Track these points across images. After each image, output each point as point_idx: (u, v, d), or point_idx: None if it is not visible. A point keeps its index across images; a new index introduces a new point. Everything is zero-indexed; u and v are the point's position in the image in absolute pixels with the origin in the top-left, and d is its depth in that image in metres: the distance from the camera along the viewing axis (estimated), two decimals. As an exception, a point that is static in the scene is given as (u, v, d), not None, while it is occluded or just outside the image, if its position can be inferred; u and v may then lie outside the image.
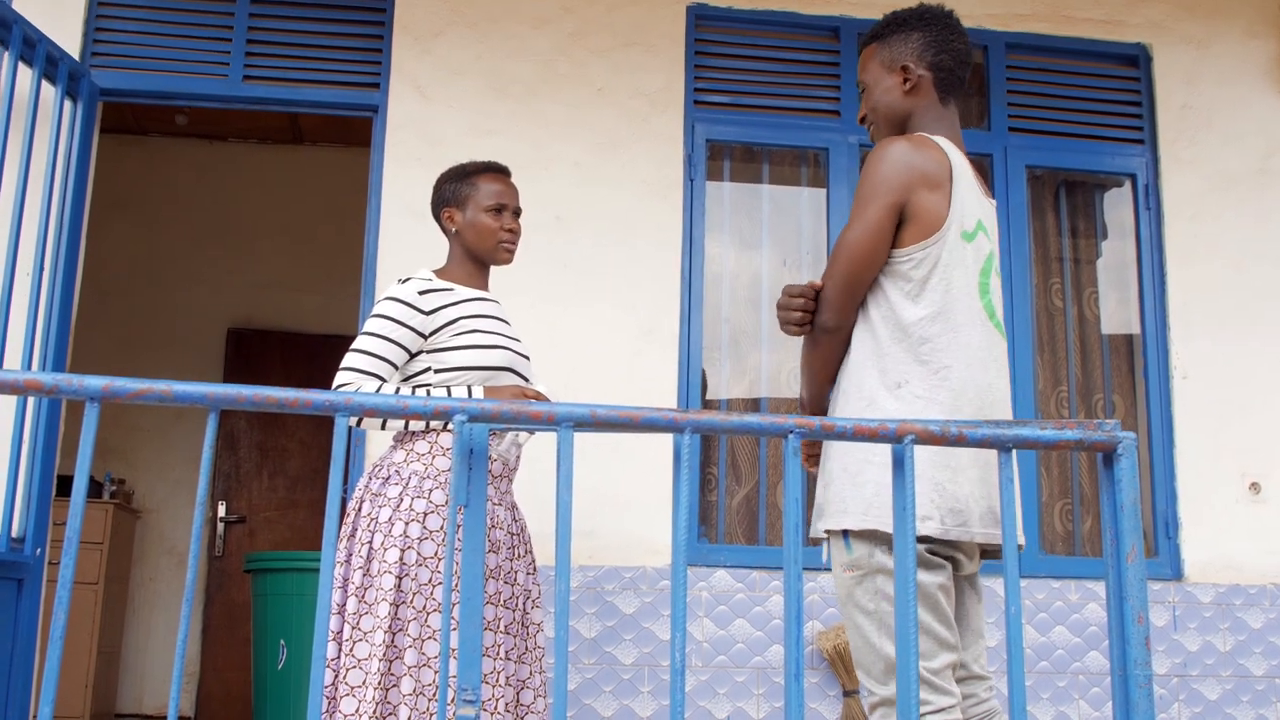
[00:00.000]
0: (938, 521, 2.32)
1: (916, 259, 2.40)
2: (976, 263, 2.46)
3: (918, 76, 2.57)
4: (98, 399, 1.55)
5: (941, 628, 2.32)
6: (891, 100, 2.60)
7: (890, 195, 2.39)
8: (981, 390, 2.42)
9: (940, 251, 2.40)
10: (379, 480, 3.03)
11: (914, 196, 2.40)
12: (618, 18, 4.69)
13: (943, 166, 2.43)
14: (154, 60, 4.53)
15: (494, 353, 3.12)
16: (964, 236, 2.43)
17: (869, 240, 2.40)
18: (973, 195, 2.48)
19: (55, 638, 1.50)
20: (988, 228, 2.51)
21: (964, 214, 2.44)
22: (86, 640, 6.03)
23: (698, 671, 4.24)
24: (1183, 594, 4.52)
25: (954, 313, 2.41)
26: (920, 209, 2.40)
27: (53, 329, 4.12)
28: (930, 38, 2.58)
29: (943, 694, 2.30)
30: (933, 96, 2.58)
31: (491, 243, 3.26)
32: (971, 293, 2.44)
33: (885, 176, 2.41)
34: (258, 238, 7.44)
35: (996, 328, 2.49)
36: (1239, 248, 4.84)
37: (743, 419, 1.66)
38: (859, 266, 2.41)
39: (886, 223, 2.40)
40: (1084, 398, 4.87)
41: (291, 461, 7.30)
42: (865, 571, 2.35)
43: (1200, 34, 5.00)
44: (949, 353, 2.39)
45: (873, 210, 2.40)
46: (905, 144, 2.44)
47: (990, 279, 2.49)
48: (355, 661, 2.88)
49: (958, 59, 2.59)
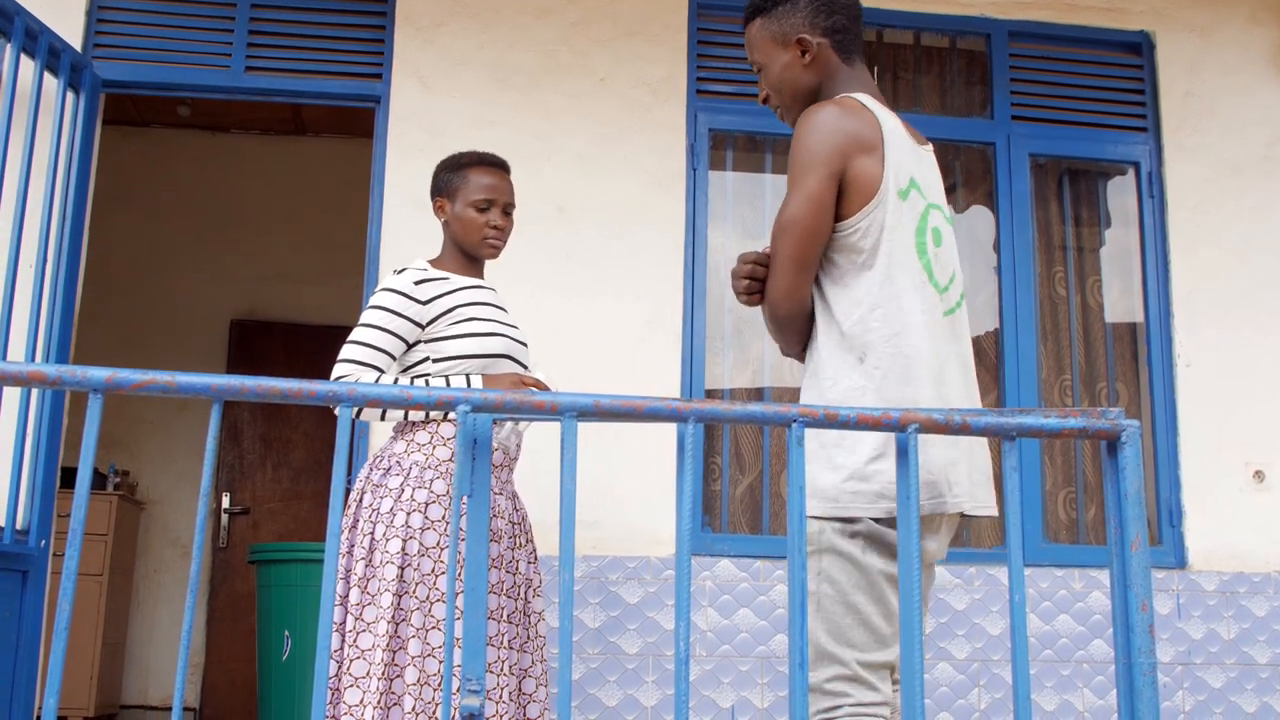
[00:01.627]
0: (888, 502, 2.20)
1: (862, 228, 2.28)
2: (913, 221, 2.32)
3: (815, 46, 2.43)
4: (101, 390, 1.55)
5: (883, 622, 2.20)
6: (794, 76, 2.45)
7: (827, 165, 2.26)
8: (932, 357, 2.29)
9: (883, 215, 2.27)
10: (380, 471, 3.04)
11: (851, 163, 2.27)
12: (620, 7, 4.68)
13: (873, 127, 2.30)
14: (156, 52, 4.53)
15: (491, 340, 3.12)
16: (900, 195, 2.30)
17: (810, 214, 2.26)
18: (904, 150, 2.35)
19: (60, 629, 1.50)
20: (921, 183, 2.37)
21: (898, 172, 2.31)
22: (91, 632, 6.05)
23: (702, 661, 4.25)
24: (1186, 582, 4.52)
25: (898, 276, 2.28)
26: (858, 175, 2.27)
27: (56, 321, 4.13)
28: (818, 3, 2.44)
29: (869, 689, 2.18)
30: (835, 61, 2.44)
31: (475, 238, 3.24)
32: (911, 254, 2.31)
33: (818, 146, 2.27)
34: (260, 229, 7.44)
35: (935, 289, 2.34)
36: (1242, 236, 4.83)
37: (746, 408, 1.66)
38: (805, 244, 2.28)
39: (826, 194, 2.26)
40: (1088, 386, 4.86)
41: (295, 453, 7.30)
42: (813, 549, 2.22)
43: (1203, 21, 4.99)
44: (898, 318, 2.27)
45: (811, 182, 2.26)
46: (834, 109, 2.30)
47: (926, 237, 2.35)
48: (359, 652, 2.88)
49: (851, 15, 2.46)
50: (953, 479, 2.26)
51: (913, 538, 1.65)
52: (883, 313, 2.27)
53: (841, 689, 2.17)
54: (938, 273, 2.35)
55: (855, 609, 2.19)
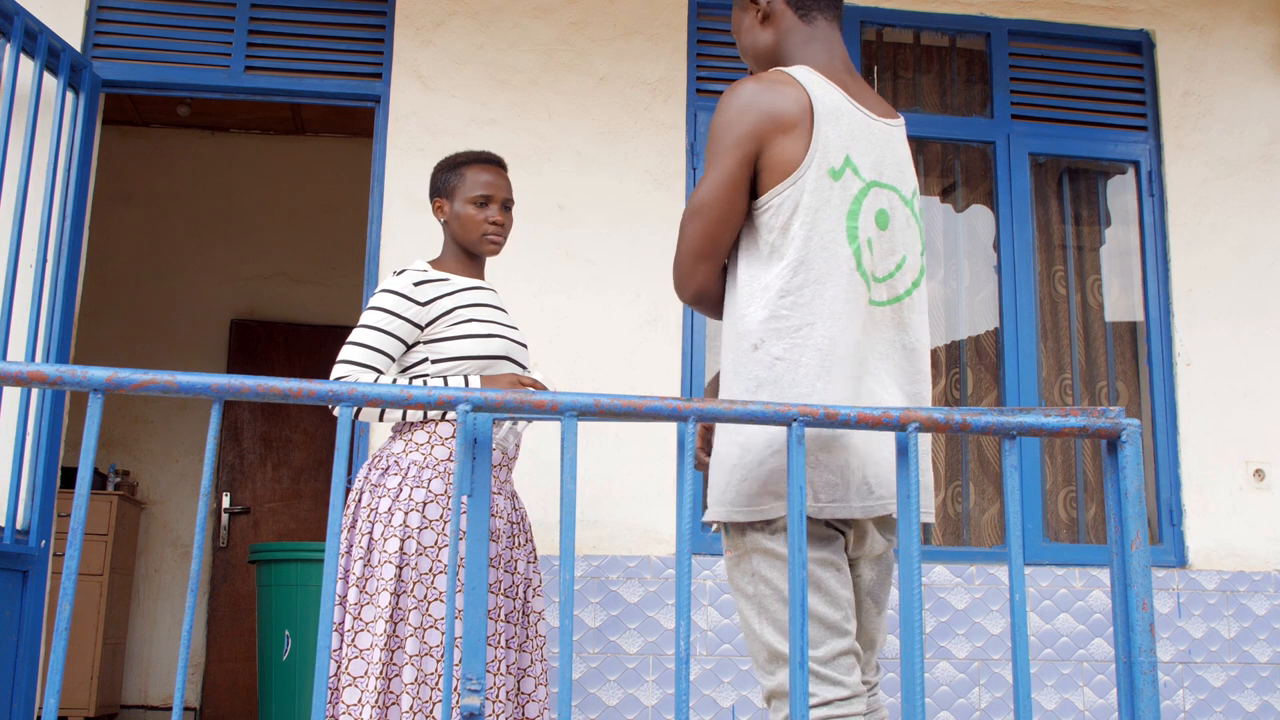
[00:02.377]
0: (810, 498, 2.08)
1: (774, 206, 2.14)
2: (844, 203, 2.15)
3: (767, 3, 2.33)
4: (101, 390, 1.55)
5: (829, 609, 2.08)
6: (752, 38, 2.37)
7: (739, 146, 2.14)
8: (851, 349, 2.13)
9: (799, 195, 2.12)
10: (378, 471, 3.04)
11: (767, 144, 2.14)
12: (619, 7, 4.68)
13: (798, 103, 2.15)
14: (156, 51, 4.53)
15: (491, 342, 3.13)
16: (830, 174, 2.15)
17: (722, 198, 2.14)
18: (841, 126, 2.19)
19: (60, 629, 1.50)
20: (862, 161, 2.20)
21: (828, 150, 2.15)
22: (91, 632, 6.05)
23: (702, 660, 4.25)
24: (1187, 581, 4.52)
25: (815, 262, 2.12)
26: (774, 155, 2.14)
27: (56, 321, 4.12)
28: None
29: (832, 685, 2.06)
30: (791, 19, 2.32)
31: (475, 234, 3.24)
32: (838, 238, 2.14)
33: (731, 125, 2.15)
34: (260, 229, 7.45)
35: (864, 277, 2.16)
36: (1242, 234, 4.83)
37: (746, 407, 1.66)
38: (713, 228, 2.16)
39: (739, 176, 2.14)
40: (1088, 385, 4.86)
41: (295, 452, 7.30)
42: (740, 552, 2.13)
43: (1203, 20, 4.99)
44: (810, 307, 2.11)
45: (723, 164, 2.15)
46: (753, 85, 2.17)
47: (860, 220, 2.17)
48: (357, 651, 2.89)
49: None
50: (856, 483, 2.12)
51: (913, 538, 1.65)
52: (792, 300, 2.12)
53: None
54: (874, 259, 2.19)
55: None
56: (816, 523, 2.10)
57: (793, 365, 2.10)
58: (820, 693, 2.05)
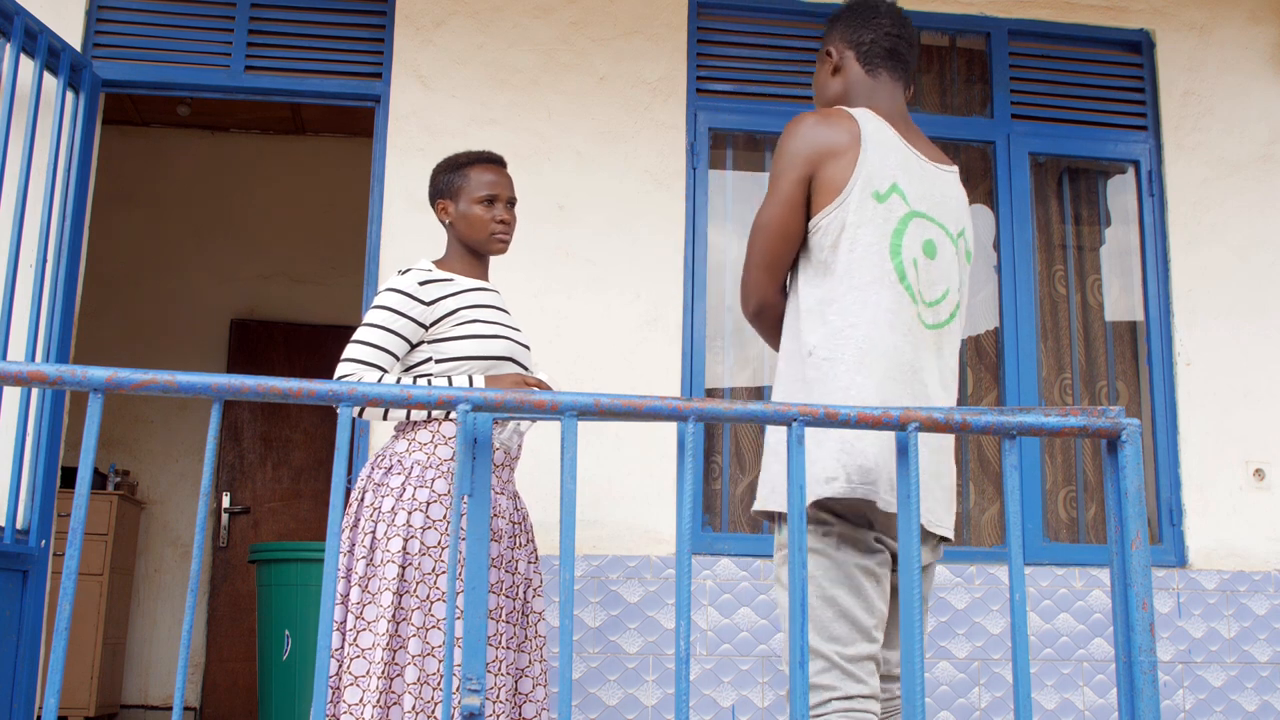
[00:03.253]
0: (843, 481, 2.27)
1: (823, 226, 2.40)
2: (888, 223, 2.41)
3: (840, 56, 2.64)
4: (101, 390, 1.55)
5: (862, 614, 2.28)
6: (824, 84, 2.68)
7: (795, 170, 2.42)
8: (890, 352, 2.36)
9: (845, 214, 2.39)
10: (381, 470, 3.04)
11: (820, 168, 2.41)
12: (619, 6, 4.68)
13: (849, 133, 2.43)
14: (156, 51, 4.53)
15: (494, 342, 3.13)
16: (875, 197, 2.41)
17: (781, 215, 2.43)
18: (890, 156, 2.46)
19: (60, 629, 1.50)
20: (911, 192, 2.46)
21: (873, 175, 2.41)
22: (91, 632, 6.05)
23: (702, 660, 4.25)
24: (1187, 581, 4.52)
25: (859, 271, 2.38)
26: (825, 178, 2.41)
27: (56, 320, 4.12)
28: (850, 21, 2.66)
29: (855, 681, 2.25)
30: (858, 72, 2.62)
31: (483, 234, 3.25)
32: (882, 252, 2.39)
33: (789, 154, 2.44)
34: (260, 228, 7.45)
35: (907, 291, 2.40)
36: (1242, 234, 4.83)
37: (746, 407, 1.66)
38: (774, 243, 2.44)
39: (797, 197, 2.42)
40: (1088, 385, 4.86)
41: (295, 452, 7.30)
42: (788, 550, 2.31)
43: (1203, 20, 4.99)
44: (853, 311, 2.36)
45: (783, 185, 2.43)
46: (810, 118, 2.47)
47: (905, 240, 2.42)
48: (359, 651, 2.88)
49: (880, 32, 2.62)
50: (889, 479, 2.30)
51: (913, 538, 1.65)
52: (838, 307, 2.36)
53: (828, 681, 2.25)
54: (919, 280, 2.43)
55: (834, 602, 2.27)
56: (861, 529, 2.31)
57: (835, 362, 2.33)
58: (845, 687, 2.24)
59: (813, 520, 2.30)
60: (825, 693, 2.25)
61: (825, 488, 2.28)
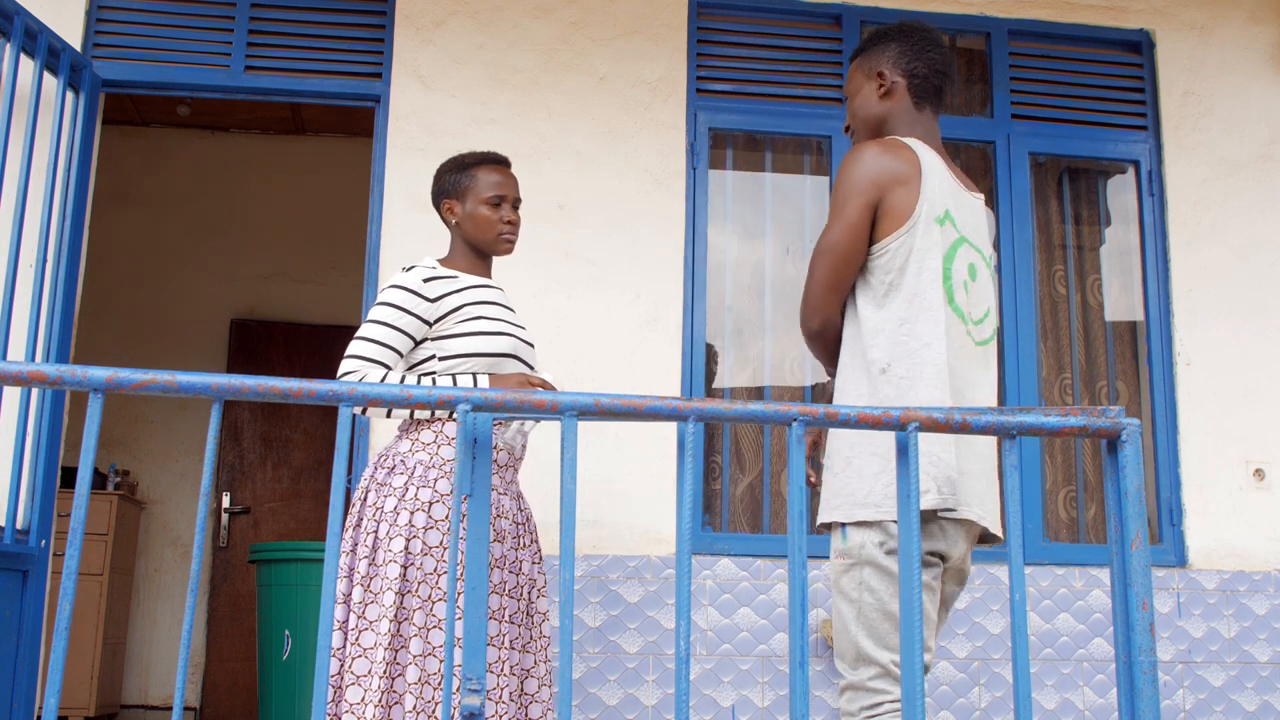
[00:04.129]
0: (935, 494, 2.42)
1: (892, 250, 2.53)
2: (942, 248, 2.56)
3: (891, 82, 2.74)
4: (101, 390, 1.55)
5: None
6: (868, 105, 2.77)
7: (864, 195, 2.53)
8: (957, 370, 2.54)
9: (913, 240, 2.53)
10: (384, 470, 3.04)
11: (886, 194, 2.54)
12: (619, 6, 4.68)
13: (911, 164, 2.56)
14: (156, 51, 4.53)
15: (498, 339, 3.12)
16: (936, 221, 2.56)
17: (849, 239, 2.54)
18: (943, 184, 2.60)
19: (60, 629, 1.50)
20: (958, 217, 2.62)
21: (934, 201, 2.56)
22: (91, 632, 6.05)
23: (702, 660, 4.25)
24: (1187, 581, 4.52)
25: (928, 295, 2.52)
26: (892, 204, 2.53)
27: (56, 320, 4.12)
28: (905, 47, 2.75)
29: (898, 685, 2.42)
30: (907, 101, 2.74)
31: (491, 234, 3.25)
32: (938, 277, 2.55)
33: (859, 177, 2.55)
34: (260, 228, 7.45)
35: (958, 314, 2.58)
36: (1242, 234, 4.83)
37: (746, 407, 1.66)
38: (841, 265, 2.55)
39: (864, 221, 2.54)
40: (1088, 385, 4.86)
41: (296, 452, 7.30)
42: (854, 561, 2.46)
43: (1203, 20, 4.99)
44: (926, 332, 2.50)
45: (850, 210, 2.54)
46: (875, 146, 2.59)
47: (955, 264, 2.59)
48: (361, 650, 2.88)
49: (932, 68, 2.75)
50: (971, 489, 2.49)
51: (913, 537, 1.65)
52: (910, 328, 2.51)
53: (883, 686, 2.41)
54: (967, 302, 2.61)
55: (892, 616, 2.42)
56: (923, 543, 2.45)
57: (914, 381, 2.48)
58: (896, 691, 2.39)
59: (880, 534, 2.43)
60: (879, 696, 2.41)
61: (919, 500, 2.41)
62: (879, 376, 2.50)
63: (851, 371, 2.57)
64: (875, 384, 2.50)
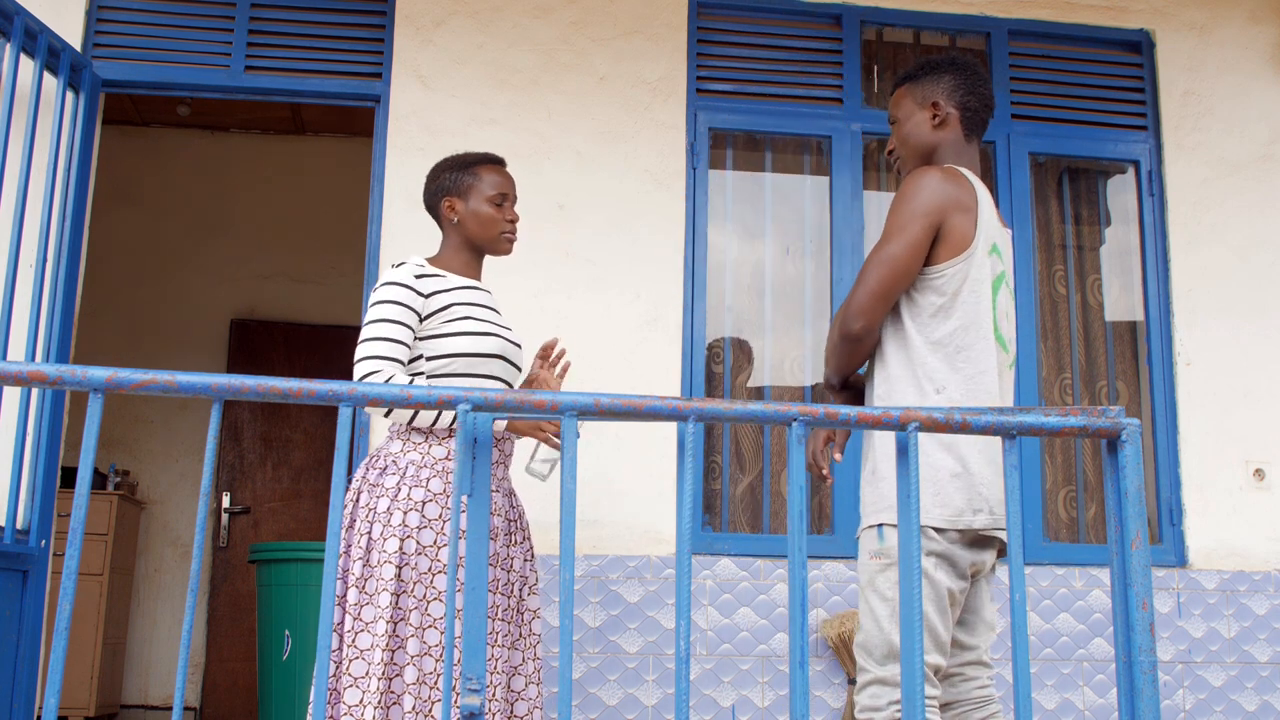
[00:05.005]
0: (987, 514, 2.56)
1: (949, 275, 2.64)
2: (990, 278, 2.69)
3: (946, 113, 2.83)
4: (101, 390, 1.55)
5: (943, 630, 2.55)
6: (920, 133, 2.85)
7: (929, 217, 2.63)
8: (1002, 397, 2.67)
9: (969, 268, 2.65)
10: (376, 470, 3.03)
11: (948, 219, 2.64)
12: (619, 6, 4.68)
13: (970, 194, 2.68)
14: (156, 51, 4.53)
15: (485, 340, 3.11)
16: (988, 252, 2.69)
17: (908, 255, 2.62)
18: (992, 218, 2.73)
19: (60, 629, 1.50)
20: (1002, 251, 2.76)
21: (988, 232, 2.70)
22: (91, 632, 6.05)
23: (702, 660, 4.25)
24: (1187, 580, 4.52)
25: (981, 324, 2.65)
26: (953, 230, 2.64)
27: (56, 320, 4.12)
28: (960, 80, 2.84)
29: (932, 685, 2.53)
30: (958, 132, 2.83)
31: (494, 232, 3.25)
32: (987, 305, 2.68)
33: (925, 200, 2.64)
34: (260, 228, 7.44)
35: (999, 341, 2.71)
36: (1243, 234, 4.83)
37: (746, 407, 1.66)
38: (896, 277, 2.63)
39: (924, 241, 2.63)
40: (1088, 385, 4.86)
41: (295, 452, 7.30)
42: (891, 561, 2.55)
43: (1203, 20, 4.99)
44: (982, 360, 2.64)
45: (914, 229, 2.62)
46: (939, 173, 2.68)
47: (999, 296, 2.72)
48: (358, 652, 2.88)
49: (983, 102, 2.86)
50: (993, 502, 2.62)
51: (913, 537, 1.65)
52: (967, 355, 2.64)
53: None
54: (1003, 328, 2.73)
55: (925, 617, 2.50)
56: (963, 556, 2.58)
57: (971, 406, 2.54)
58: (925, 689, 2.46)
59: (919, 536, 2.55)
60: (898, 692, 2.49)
61: (974, 518, 2.56)
62: (934, 396, 2.61)
63: (902, 384, 2.66)
64: (929, 401, 2.61)
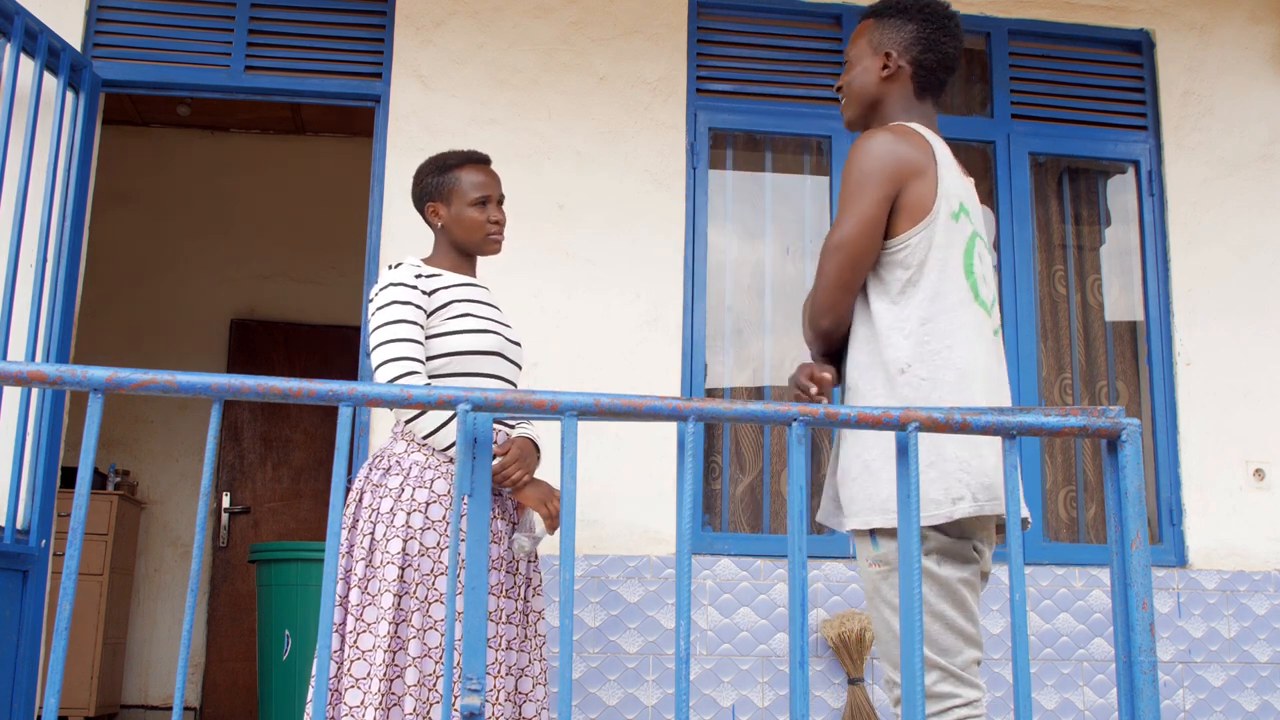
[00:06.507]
0: (970, 500, 2.32)
1: (911, 245, 2.41)
2: (961, 242, 2.46)
3: (897, 66, 2.60)
4: (101, 390, 1.55)
5: (966, 623, 2.34)
6: (867, 81, 2.63)
7: (880, 188, 2.40)
8: (983, 371, 2.43)
9: (933, 235, 2.41)
10: (379, 471, 3.03)
11: (904, 187, 2.41)
12: (619, 6, 4.68)
13: (925, 152, 2.45)
14: (156, 51, 4.53)
15: (485, 337, 3.11)
16: (951, 216, 2.44)
17: (863, 234, 2.40)
18: (954, 176, 2.50)
19: (60, 629, 1.50)
20: (969, 208, 2.51)
21: (949, 194, 2.45)
22: (92, 632, 6.05)
23: (702, 660, 4.25)
24: (1187, 580, 4.52)
25: (949, 292, 2.41)
26: (909, 198, 2.41)
27: (56, 320, 4.12)
28: (922, 33, 2.60)
29: (971, 687, 2.33)
30: (908, 89, 2.62)
31: (479, 235, 3.23)
32: (959, 272, 2.44)
33: (872, 170, 2.41)
34: (260, 228, 7.44)
35: (981, 306, 2.48)
36: (1242, 234, 4.83)
37: (746, 407, 1.66)
38: (854, 262, 2.42)
39: (879, 216, 2.41)
40: (1088, 385, 4.86)
41: (295, 452, 7.30)
42: (892, 567, 2.35)
43: (1203, 20, 4.99)
44: (949, 333, 2.40)
45: (865, 204, 2.40)
46: (887, 135, 2.46)
47: (974, 259, 2.48)
48: (359, 653, 2.88)
49: (942, 62, 2.62)
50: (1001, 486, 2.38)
51: (914, 536, 1.65)
52: (931, 328, 2.39)
53: (947, 690, 2.31)
54: (984, 292, 2.48)
55: (942, 617, 2.32)
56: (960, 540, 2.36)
57: (936, 384, 2.37)
58: (963, 694, 2.31)
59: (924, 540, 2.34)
60: (946, 701, 2.31)
61: (954, 508, 2.32)
62: (898, 377, 2.38)
63: (867, 371, 2.44)
64: (894, 385, 2.38)
